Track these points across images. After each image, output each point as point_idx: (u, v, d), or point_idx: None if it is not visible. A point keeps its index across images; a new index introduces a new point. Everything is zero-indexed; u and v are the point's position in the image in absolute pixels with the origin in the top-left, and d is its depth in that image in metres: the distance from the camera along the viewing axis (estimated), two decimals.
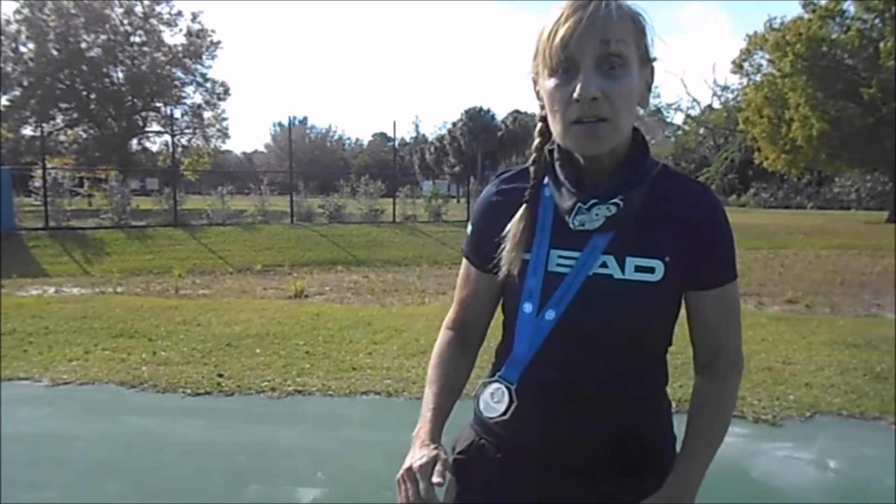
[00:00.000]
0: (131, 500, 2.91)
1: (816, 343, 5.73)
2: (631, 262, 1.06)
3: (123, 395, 4.38)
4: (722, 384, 1.15)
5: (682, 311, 1.15)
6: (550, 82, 1.03)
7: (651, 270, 1.06)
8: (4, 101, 31.35)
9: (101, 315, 7.02)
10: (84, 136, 34.17)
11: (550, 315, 1.07)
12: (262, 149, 69.93)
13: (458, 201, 32.41)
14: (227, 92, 35.50)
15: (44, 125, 27.95)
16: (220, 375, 4.68)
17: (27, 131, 32.20)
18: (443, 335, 1.24)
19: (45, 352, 5.41)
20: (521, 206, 1.11)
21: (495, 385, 1.11)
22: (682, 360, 5.06)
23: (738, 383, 1.17)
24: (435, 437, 1.06)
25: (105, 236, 14.92)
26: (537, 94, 1.10)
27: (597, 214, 1.05)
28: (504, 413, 1.10)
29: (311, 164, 50.28)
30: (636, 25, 1.04)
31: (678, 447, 1.16)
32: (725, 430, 1.15)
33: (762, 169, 31.69)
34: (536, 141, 1.14)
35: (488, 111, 56.90)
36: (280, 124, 64.31)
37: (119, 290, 10.04)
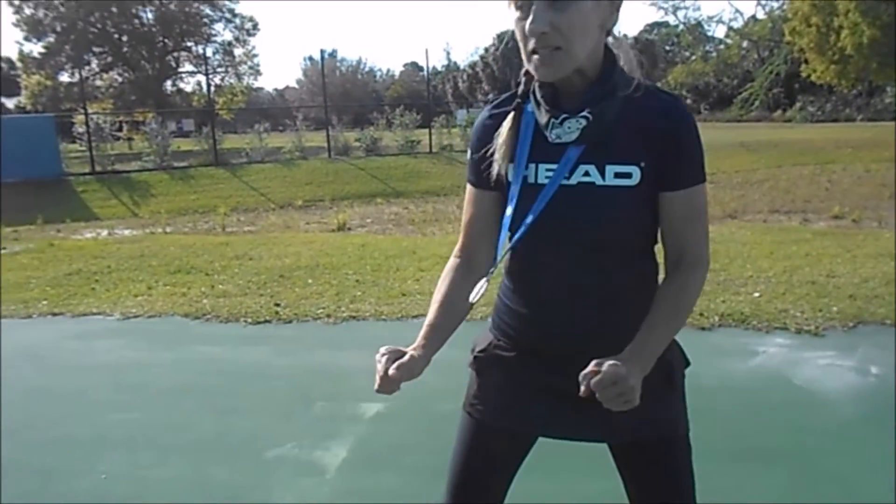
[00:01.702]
0: (210, 419, 3.17)
1: (862, 256, 5.71)
2: (610, 169, 1.17)
3: (189, 325, 4.66)
4: (685, 277, 1.22)
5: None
6: (514, 16, 1.14)
7: (629, 176, 1.17)
8: (40, 47, 31.72)
9: (157, 254, 7.33)
10: (119, 80, 34.49)
11: (528, 219, 1.19)
12: (293, 84, 69.53)
13: None
14: (255, 27, 35.29)
15: (80, 70, 28.22)
16: (277, 305, 4.93)
17: (64, 77, 32.66)
18: (450, 262, 1.35)
19: (111, 289, 5.74)
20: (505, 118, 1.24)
21: (482, 280, 1.24)
22: (724, 277, 5.13)
23: (701, 278, 1.25)
24: (420, 346, 1.21)
25: (149, 178, 15.30)
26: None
27: (569, 127, 1.17)
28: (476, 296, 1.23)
29: (343, 97, 49.96)
30: None
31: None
32: (685, 316, 1.24)
33: (809, 82, 30.37)
34: (524, 69, 1.23)
35: None
36: (311, 59, 63.59)
37: (168, 229, 10.40)
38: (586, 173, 1.18)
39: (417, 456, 2.70)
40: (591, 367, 1.06)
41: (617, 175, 1.17)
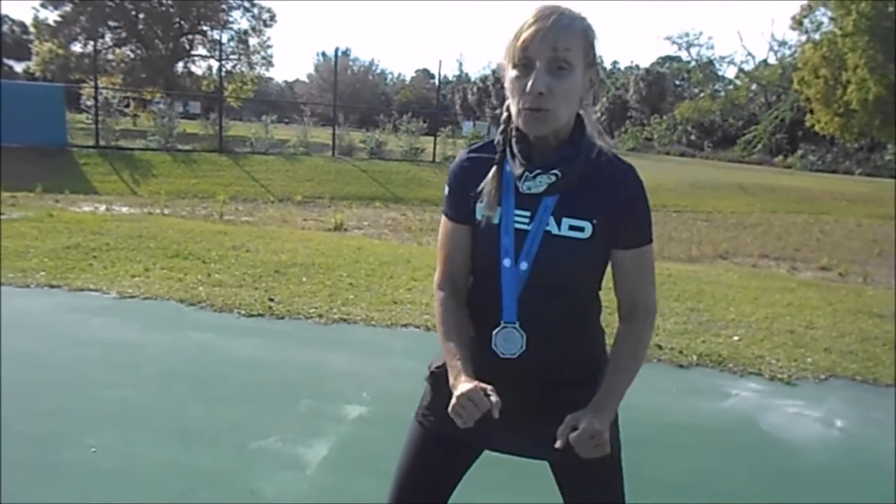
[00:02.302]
0: (199, 405, 3.27)
1: (842, 311, 5.87)
2: (566, 221, 1.35)
3: (184, 311, 4.76)
4: (639, 330, 1.42)
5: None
6: (512, 73, 1.31)
7: (581, 230, 1.34)
8: (56, 15, 31.72)
9: (155, 236, 7.42)
10: (131, 56, 34.49)
11: (524, 266, 1.36)
12: (303, 78, 69.69)
13: None
14: (273, 18, 35.38)
15: (94, 42, 28.26)
16: (272, 300, 5.03)
17: (76, 48, 32.63)
18: (438, 296, 1.47)
19: (108, 267, 5.82)
20: (488, 168, 1.39)
21: (506, 330, 1.38)
22: (707, 318, 5.25)
23: (651, 326, 1.45)
24: (470, 376, 1.32)
25: (152, 158, 15.37)
26: (503, 79, 1.37)
27: (540, 181, 1.33)
28: (522, 348, 1.37)
29: (352, 96, 50.14)
30: (585, 37, 1.31)
31: None
32: (639, 364, 1.41)
33: (813, 131, 30.77)
34: (504, 115, 1.41)
35: None
36: (324, 54, 63.84)
37: (166, 211, 10.49)
38: (526, 221, 1.36)
39: (394, 461, 2.81)
40: (567, 422, 1.24)
41: (571, 227, 1.34)
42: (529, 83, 1.26)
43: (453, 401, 1.27)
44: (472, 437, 1.45)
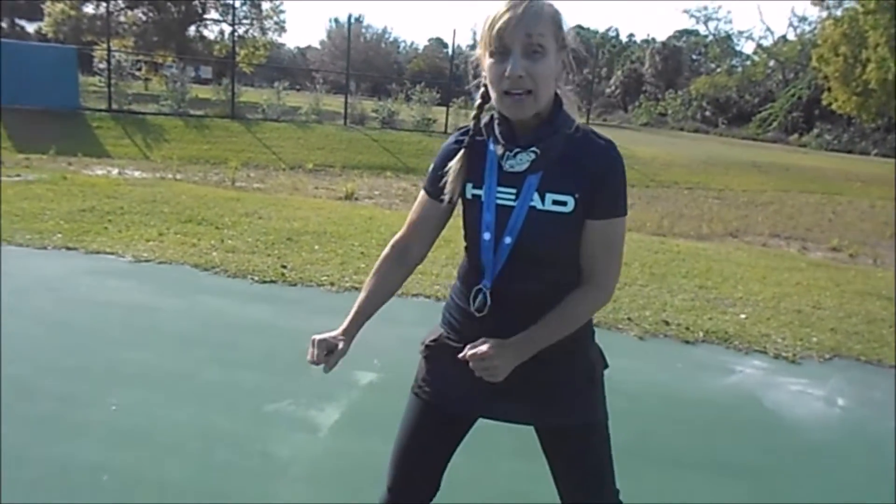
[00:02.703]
0: (214, 368, 3.36)
1: (850, 292, 5.89)
2: (549, 196, 1.41)
3: (198, 276, 4.84)
4: (583, 295, 1.46)
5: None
6: (489, 61, 1.38)
7: (564, 204, 1.41)
8: None
9: (168, 200, 7.49)
10: (143, 18, 34.24)
11: (507, 240, 1.43)
12: (316, 45, 69.07)
13: None
14: None
15: (107, 4, 28.07)
16: (284, 267, 5.10)
17: (88, 9, 32.43)
18: (386, 251, 1.58)
19: (123, 230, 5.90)
20: (476, 149, 1.48)
21: (480, 291, 1.47)
22: (714, 295, 5.30)
23: (595, 301, 1.49)
24: (347, 329, 1.50)
25: (164, 123, 15.38)
26: (481, 66, 1.44)
27: (521, 159, 1.41)
28: (482, 309, 1.46)
29: (364, 64, 49.73)
30: (554, 22, 1.38)
31: (595, 338, 1.59)
32: (570, 327, 1.46)
33: (829, 110, 30.42)
34: (478, 102, 1.49)
35: None
36: (336, 21, 63.21)
37: (179, 176, 10.54)
38: (510, 197, 1.44)
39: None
40: (479, 340, 1.38)
41: (554, 202, 1.41)
42: (508, 68, 1.33)
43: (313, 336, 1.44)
44: (465, 407, 1.57)
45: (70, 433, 2.65)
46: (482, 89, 1.47)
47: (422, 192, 1.58)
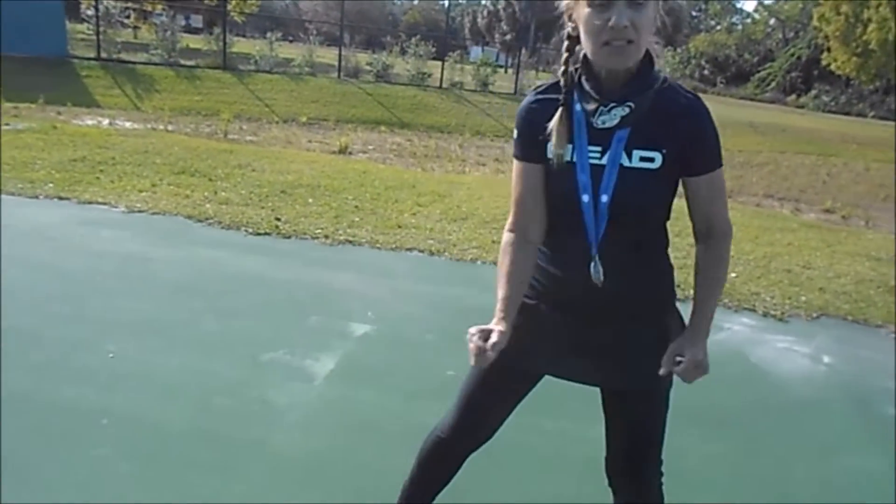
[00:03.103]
0: (210, 317, 3.38)
1: (840, 252, 5.95)
2: (637, 153, 1.37)
3: (192, 227, 4.84)
4: (718, 249, 1.48)
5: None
6: (587, 11, 1.30)
7: (652, 160, 1.37)
8: None
9: (161, 151, 7.42)
10: None
11: (604, 199, 1.38)
12: None
13: (507, 72, 31.60)
14: None
15: None
16: (278, 219, 5.10)
17: None
18: (506, 237, 1.50)
19: (115, 181, 5.86)
20: (556, 108, 1.40)
21: (595, 264, 1.41)
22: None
23: (729, 247, 1.50)
24: (502, 319, 1.40)
25: (155, 73, 15.12)
26: (569, 16, 1.38)
27: (615, 114, 1.36)
28: (599, 279, 1.41)
29: (358, 16, 48.75)
30: None
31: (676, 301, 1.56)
32: (723, 283, 1.51)
33: (828, 71, 30.14)
34: (565, 56, 1.41)
35: None
36: None
37: (170, 128, 10.42)
38: (598, 156, 1.39)
39: (397, 378, 2.95)
40: (671, 351, 1.38)
41: (642, 159, 1.37)
42: (614, 18, 1.27)
43: (473, 329, 1.35)
44: (540, 362, 1.56)
45: (69, 379, 2.68)
46: (567, 42, 1.41)
47: (516, 164, 1.48)
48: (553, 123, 1.40)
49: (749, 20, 50.15)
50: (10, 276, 3.61)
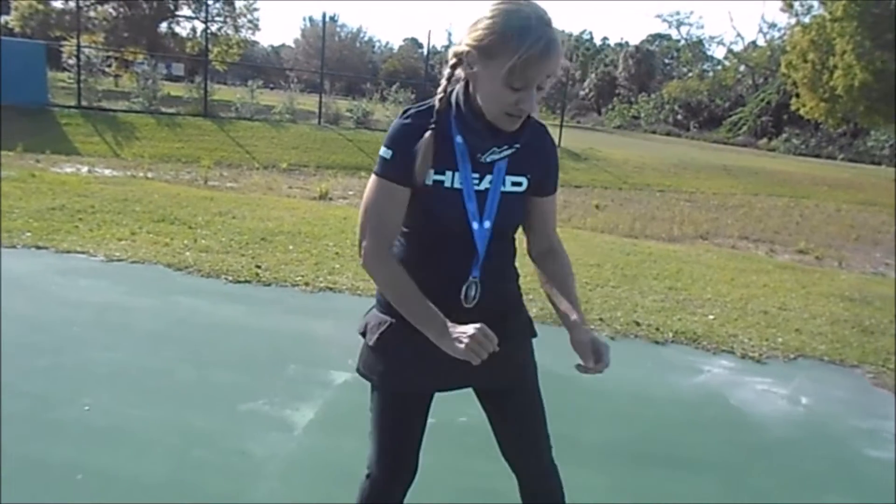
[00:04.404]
0: (189, 368, 3.35)
1: (815, 293, 6.05)
2: (509, 179, 1.56)
3: (171, 276, 4.81)
4: (565, 258, 1.70)
5: None
6: (502, 87, 1.39)
7: (520, 184, 1.58)
8: None
9: (140, 199, 7.41)
10: (114, 14, 33.69)
11: (487, 224, 1.54)
12: (290, 43, 68.59)
13: None
14: None
15: None
16: (258, 267, 5.09)
17: (57, 3, 31.81)
18: (383, 260, 1.51)
19: (94, 229, 5.83)
20: (425, 131, 1.48)
21: (472, 283, 1.54)
22: (684, 296, 5.36)
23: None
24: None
25: (135, 120, 15.17)
26: (461, 60, 1.45)
27: (503, 153, 1.51)
28: (475, 300, 1.54)
29: (338, 64, 49.48)
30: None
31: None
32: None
33: (798, 115, 31.01)
34: (443, 85, 1.51)
35: None
36: (311, 20, 62.92)
37: (150, 175, 10.42)
38: (486, 183, 1.55)
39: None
40: (590, 347, 1.52)
41: (513, 183, 1.57)
42: (525, 104, 1.41)
43: (466, 341, 1.37)
44: (434, 383, 1.64)
45: (43, 432, 2.63)
46: (449, 71, 1.49)
47: (384, 182, 1.50)
48: (421, 144, 1.47)
49: (719, 67, 51.67)
50: None
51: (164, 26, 35.30)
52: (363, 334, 1.65)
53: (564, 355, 1.66)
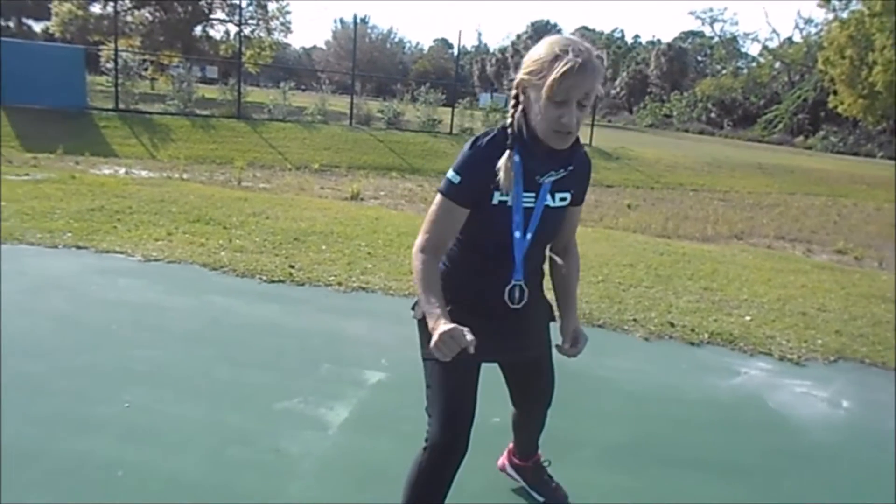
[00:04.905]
0: (224, 366, 3.40)
1: (855, 294, 5.90)
2: (558, 195, 1.83)
3: (207, 275, 4.89)
4: (575, 255, 2.03)
5: None
6: (545, 101, 1.61)
7: (565, 200, 1.86)
8: None
9: (176, 200, 7.54)
10: (150, 18, 34.34)
11: (528, 236, 1.80)
12: (321, 45, 69.16)
13: None
14: None
15: (115, 4, 28.16)
16: (292, 267, 5.14)
17: (95, 9, 32.51)
18: (422, 257, 1.75)
19: (132, 230, 5.95)
20: (499, 158, 1.72)
21: (516, 286, 1.85)
22: (719, 297, 5.27)
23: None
24: (447, 320, 1.61)
25: (171, 122, 15.45)
26: (523, 91, 1.68)
27: (559, 174, 1.75)
28: (525, 300, 1.87)
29: (369, 65, 49.78)
30: (603, 75, 1.64)
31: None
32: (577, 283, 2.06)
33: (835, 112, 30.35)
34: (511, 111, 1.73)
35: (555, 25, 55.00)
36: (342, 21, 63.40)
37: (185, 176, 10.61)
38: (537, 199, 1.80)
39: (412, 425, 2.90)
40: (571, 331, 1.89)
41: (560, 199, 1.84)
42: (566, 118, 1.61)
43: (436, 338, 1.55)
44: (486, 355, 1.78)
45: (84, 430, 2.69)
46: (513, 101, 1.72)
47: (446, 201, 1.75)
48: (502, 167, 1.70)
49: (754, 64, 50.74)
50: (26, 326, 3.66)
51: (198, 30, 35.88)
52: (421, 321, 1.85)
53: (600, 356, 1.66)
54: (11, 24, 38.46)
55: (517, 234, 1.77)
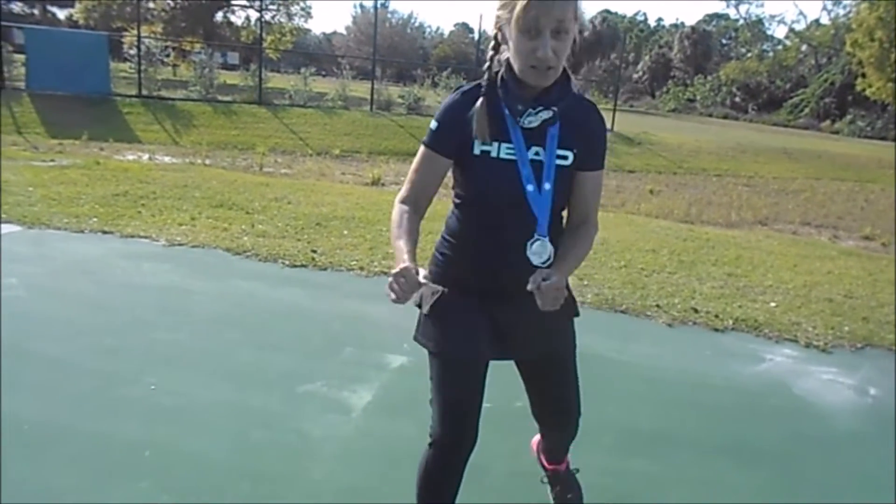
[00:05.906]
0: (248, 350, 3.43)
1: (882, 281, 5.80)
2: (558, 153, 1.64)
3: (230, 260, 4.93)
4: (587, 234, 1.72)
5: None
6: (517, 35, 1.51)
7: (565, 158, 1.65)
8: None
9: (199, 185, 7.60)
10: (172, 4, 34.52)
11: (547, 186, 1.63)
12: (341, 31, 69.13)
13: None
14: None
15: None
16: (314, 251, 5.17)
17: None
18: (399, 207, 1.68)
19: (156, 215, 6.01)
20: (472, 105, 1.61)
21: (539, 242, 1.64)
22: (744, 283, 5.22)
23: (595, 235, 1.75)
24: (411, 259, 1.52)
25: (193, 108, 15.54)
26: (500, 30, 1.58)
27: (540, 116, 1.59)
28: (550, 259, 1.63)
29: (389, 50, 49.62)
30: (576, 6, 1.53)
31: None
32: (583, 258, 1.72)
33: (863, 96, 29.71)
34: (490, 54, 1.64)
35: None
36: (362, 6, 63.25)
37: (208, 162, 10.67)
38: (536, 153, 1.64)
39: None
40: (538, 274, 1.49)
41: (558, 157, 1.64)
42: (540, 50, 1.49)
43: (389, 279, 1.46)
44: (490, 350, 1.73)
45: (111, 410, 2.74)
46: (493, 43, 1.62)
47: (428, 151, 1.67)
48: (476, 112, 1.60)
49: (780, 47, 49.79)
50: (53, 309, 3.72)
51: (219, 16, 35.98)
52: (419, 305, 1.78)
53: (623, 342, 1.64)
54: (36, 12, 38.88)
55: (529, 188, 1.61)
